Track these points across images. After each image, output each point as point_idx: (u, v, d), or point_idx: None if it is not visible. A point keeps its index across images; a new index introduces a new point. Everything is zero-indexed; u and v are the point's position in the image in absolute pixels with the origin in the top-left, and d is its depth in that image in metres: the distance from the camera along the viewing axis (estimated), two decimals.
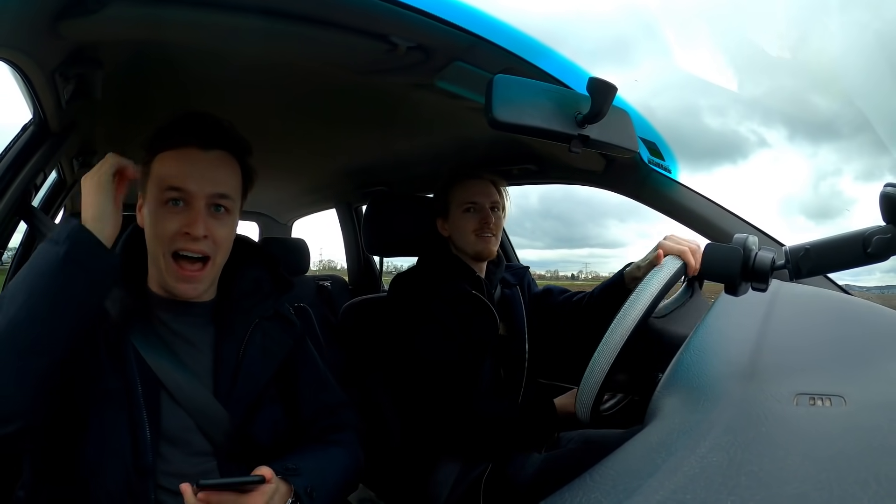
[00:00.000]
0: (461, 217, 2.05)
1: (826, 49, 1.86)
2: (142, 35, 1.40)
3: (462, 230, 2.05)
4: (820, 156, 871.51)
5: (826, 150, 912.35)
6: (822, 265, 0.90)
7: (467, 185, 2.07)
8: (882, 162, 24.63)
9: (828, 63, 1.90)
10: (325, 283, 3.28)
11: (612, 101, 1.23)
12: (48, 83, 1.42)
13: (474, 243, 2.03)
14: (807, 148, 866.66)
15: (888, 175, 1.64)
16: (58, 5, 1.19)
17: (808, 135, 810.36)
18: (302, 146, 2.62)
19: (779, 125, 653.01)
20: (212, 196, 1.31)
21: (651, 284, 1.34)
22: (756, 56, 2.35)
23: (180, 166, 1.29)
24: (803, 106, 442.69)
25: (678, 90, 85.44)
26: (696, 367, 0.91)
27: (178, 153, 1.30)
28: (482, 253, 2.04)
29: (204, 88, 1.90)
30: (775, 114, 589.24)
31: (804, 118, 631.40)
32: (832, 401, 0.71)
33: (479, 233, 2.03)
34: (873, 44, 1.58)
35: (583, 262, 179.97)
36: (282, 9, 1.30)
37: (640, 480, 0.62)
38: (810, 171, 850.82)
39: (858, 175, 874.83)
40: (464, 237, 2.05)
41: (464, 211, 2.05)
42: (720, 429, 0.69)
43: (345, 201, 3.78)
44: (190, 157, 1.30)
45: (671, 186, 1.89)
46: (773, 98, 53.21)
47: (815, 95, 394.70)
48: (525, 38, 1.50)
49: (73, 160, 2.47)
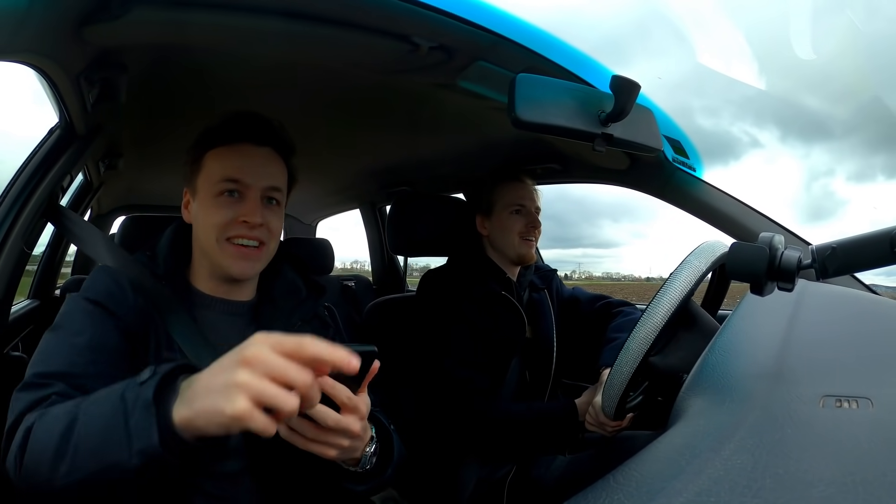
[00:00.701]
0: (508, 218, 2.06)
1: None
2: (165, 38, 1.42)
3: (508, 231, 2.05)
4: (812, 156, 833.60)
5: (818, 150, 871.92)
6: (848, 264, 0.88)
7: (515, 187, 2.08)
8: (874, 161, 24.27)
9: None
10: (350, 282, 3.29)
11: (635, 99, 1.22)
12: (73, 87, 1.44)
13: (518, 246, 2.04)
14: (799, 149, 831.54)
15: (880, 176, 1.62)
16: (82, 11, 1.20)
17: (801, 135, 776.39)
18: (326, 147, 2.64)
19: (771, 125, 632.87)
20: (266, 189, 1.34)
21: (680, 279, 1.32)
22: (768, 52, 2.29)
23: (236, 159, 1.33)
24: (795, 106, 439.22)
25: (672, 90, 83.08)
26: (721, 367, 0.91)
27: (233, 148, 1.34)
28: (524, 257, 2.05)
29: (227, 90, 1.91)
30: (767, 114, 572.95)
31: (797, 118, 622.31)
32: (859, 403, 0.70)
33: (524, 236, 2.04)
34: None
35: (576, 262, 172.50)
36: (303, 10, 1.30)
37: (664, 482, 0.61)
38: (803, 172, 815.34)
39: (850, 176, 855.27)
40: (508, 239, 2.05)
41: (511, 212, 2.05)
42: (745, 430, 0.68)
43: (368, 201, 3.80)
44: (245, 151, 1.34)
45: (696, 185, 1.87)
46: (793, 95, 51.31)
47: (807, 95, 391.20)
48: (547, 37, 1.50)
49: (98, 162, 2.50)
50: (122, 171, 2.67)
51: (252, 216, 1.31)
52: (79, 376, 1.12)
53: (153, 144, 2.54)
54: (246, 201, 1.32)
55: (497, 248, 2.09)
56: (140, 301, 1.28)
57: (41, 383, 1.10)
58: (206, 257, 1.35)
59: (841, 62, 1.72)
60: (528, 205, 2.06)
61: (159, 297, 1.31)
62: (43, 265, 3.01)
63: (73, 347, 1.16)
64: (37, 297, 2.94)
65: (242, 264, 1.33)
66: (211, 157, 1.34)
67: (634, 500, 0.60)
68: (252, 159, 1.34)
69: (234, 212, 1.31)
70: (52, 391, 1.08)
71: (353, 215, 3.99)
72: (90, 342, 1.17)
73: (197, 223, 1.36)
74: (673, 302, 1.28)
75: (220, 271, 1.35)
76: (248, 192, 1.33)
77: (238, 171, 1.31)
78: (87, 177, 2.74)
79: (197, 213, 1.35)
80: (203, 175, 1.34)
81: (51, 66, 1.30)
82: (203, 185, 1.34)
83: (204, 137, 1.36)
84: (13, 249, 1.58)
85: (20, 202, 1.56)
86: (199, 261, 1.39)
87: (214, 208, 1.31)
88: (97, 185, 2.90)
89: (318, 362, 0.85)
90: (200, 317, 1.35)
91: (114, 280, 1.29)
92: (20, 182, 1.59)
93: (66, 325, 1.21)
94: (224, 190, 1.31)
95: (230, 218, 1.31)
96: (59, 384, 1.10)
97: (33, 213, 1.59)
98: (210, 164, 1.34)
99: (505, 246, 2.06)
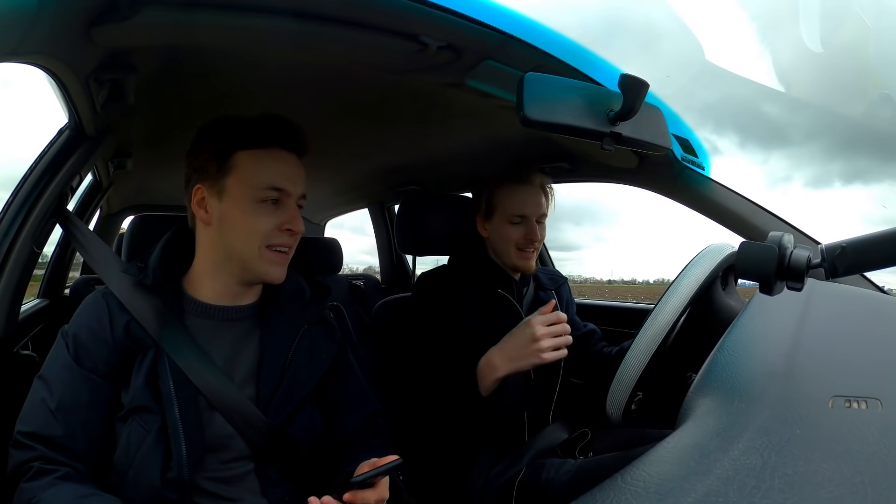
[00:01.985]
0: (505, 227, 1.99)
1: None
2: (174, 39, 1.42)
3: (505, 240, 2.00)
4: (771, 162, 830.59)
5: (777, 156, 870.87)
6: (858, 264, 0.88)
7: (517, 192, 2.00)
8: (832, 168, 24.10)
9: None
10: (358, 282, 3.30)
11: (644, 98, 1.22)
12: (83, 88, 1.44)
13: (515, 257, 1.99)
14: (758, 155, 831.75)
15: (837, 181, 1.61)
16: (91, 12, 1.20)
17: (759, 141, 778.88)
18: (335, 146, 2.64)
19: (731, 132, 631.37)
20: (300, 197, 1.38)
21: (684, 284, 1.32)
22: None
23: (280, 167, 1.35)
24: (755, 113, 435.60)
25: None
26: (730, 367, 0.90)
27: (271, 153, 1.35)
28: (521, 269, 2.02)
29: (237, 90, 1.91)
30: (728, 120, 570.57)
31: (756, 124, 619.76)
32: (868, 403, 0.70)
33: (522, 248, 1.98)
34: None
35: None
36: (312, 10, 1.30)
37: (672, 482, 0.61)
38: (761, 178, 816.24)
39: (808, 181, 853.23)
40: (505, 248, 2.00)
41: (510, 222, 1.99)
42: (754, 431, 0.68)
43: (377, 201, 3.82)
44: (283, 158, 1.36)
45: (705, 184, 1.86)
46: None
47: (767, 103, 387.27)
48: (555, 36, 1.49)
49: (108, 163, 2.50)
50: (131, 171, 2.67)
51: (296, 225, 1.35)
52: (52, 438, 1.23)
53: (162, 144, 2.54)
54: (286, 209, 1.35)
55: (496, 254, 2.06)
56: (127, 322, 1.32)
57: (25, 444, 1.23)
58: (235, 264, 1.36)
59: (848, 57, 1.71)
60: (529, 214, 1.98)
61: (150, 311, 1.33)
62: (52, 265, 3.01)
63: (48, 408, 1.25)
64: (46, 296, 2.95)
65: (280, 270, 1.37)
66: (246, 158, 1.33)
67: (642, 500, 0.60)
68: (291, 167, 1.36)
69: (277, 219, 1.33)
70: (34, 455, 1.22)
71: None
72: (61, 403, 1.25)
73: (228, 227, 1.35)
74: (681, 301, 1.28)
75: (251, 276, 1.37)
76: (288, 200, 1.35)
77: (283, 178, 1.33)
78: (97, 177, 2.75)
79: (227, 216, 1.34)
80: (237, 176, 1.33)
81: (60, 68, 1.31)
82: (238, 187, 1.33)
83: (232, 135, 1.35)
84: (23, 249, 1.59)
85: (30, 202, 1.57)
86: (208, 268, 1.39)
87: (256, 215, 1.33)
88: (107, 186, 2.91)
89: None
90: (194, 325, 1.36)
91: (97, 316, 1.33)
92: (30, 182, 1.60)
93: (47, 377, 1.29)
94: (268, 197, 1.32)
95: (273, 226, 1.33)
96: (39, 447, 1.22)
97: (43, 214, 1.60)
98: (247, 165, 1.33)
99: (500, 254, 2.03)
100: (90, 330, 1.30)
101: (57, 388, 1.26)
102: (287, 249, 1.37)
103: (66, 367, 1.28)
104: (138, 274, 1.36)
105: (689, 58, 1.87)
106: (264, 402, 1.34)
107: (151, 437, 1.24)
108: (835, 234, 3.40)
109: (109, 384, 1.29)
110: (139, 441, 1.24)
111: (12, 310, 1.73)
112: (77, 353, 1.28)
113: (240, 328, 1.40)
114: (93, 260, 1.54)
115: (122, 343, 1.29)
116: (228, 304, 1.39)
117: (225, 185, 1.33)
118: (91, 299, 1.37)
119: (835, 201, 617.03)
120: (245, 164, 1.32)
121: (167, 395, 1.26)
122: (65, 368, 1.28)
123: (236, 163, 1.33)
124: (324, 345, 1.49)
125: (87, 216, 3.04)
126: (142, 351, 1.29)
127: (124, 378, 1.29)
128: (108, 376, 1.29)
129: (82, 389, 1.27)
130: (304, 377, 1.41)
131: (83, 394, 1.26)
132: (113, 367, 1.29)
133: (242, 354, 1.38)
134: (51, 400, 1.24)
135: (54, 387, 1.26)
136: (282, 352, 1.40)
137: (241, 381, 1.36)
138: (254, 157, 1.33)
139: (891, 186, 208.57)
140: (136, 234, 1.99)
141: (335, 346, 1.52)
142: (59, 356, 1.30)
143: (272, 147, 1.34)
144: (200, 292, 1.39)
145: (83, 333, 1.30)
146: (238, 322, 1.41)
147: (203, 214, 1.37)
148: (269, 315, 1.43)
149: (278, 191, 1.33)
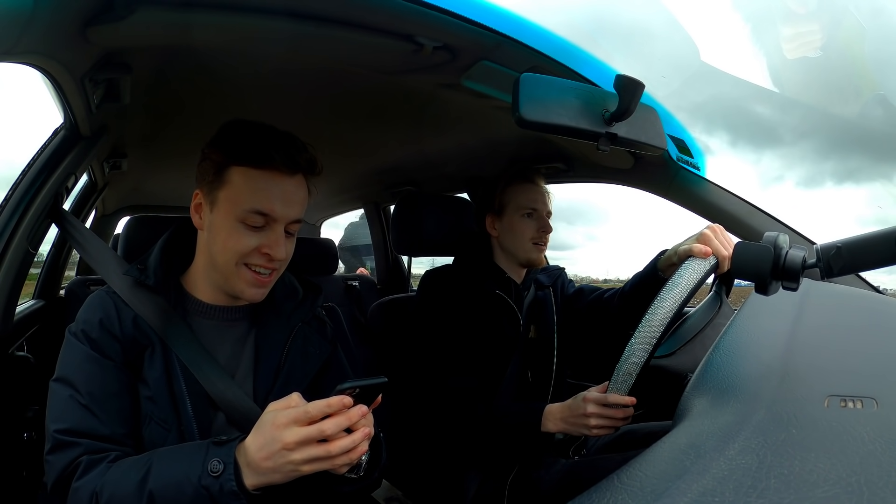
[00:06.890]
0: (520, 221, 2.02)
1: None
2: (170, 39, 1.41)
3: (520, 234, 2.02)
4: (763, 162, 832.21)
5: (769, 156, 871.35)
6: (854, 264, 0.88)
7: (527, 189, 2.03)
8: (824, 168, 24.11)
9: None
10: (354, 282, 3.29)
11: (639, 99, 1.22)
12: (78, 88, 1.43)
13: (529, 250, 2.02)
14: (749, 154, 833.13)
15: (829, 181, 1.62)
16: (87, 13, 1.20)
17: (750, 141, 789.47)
18: (331, 147, 2.64)
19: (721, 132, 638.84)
20: (291, 222, 1.33)
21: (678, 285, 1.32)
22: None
23: (268, 191, 1.29)
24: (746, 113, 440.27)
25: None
26: (726, 367, 0.91)
27: (264, 174, 1.29)
28: (534, 261, 2.04)
29: (232, 91, 1.91)
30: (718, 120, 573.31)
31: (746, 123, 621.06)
32: (864, 403, 0.70)
33: (536, 241, 2.01)
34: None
35: None
36: (308, 11, 1.30)
37: (668, 482, 0.61)
38: (754, 178, 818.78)
39: (800, 181, 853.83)
40: (520, 242, 2.02)
41: (523, 215, 2.01)
42: (750, 430, 0.68)
43: (373, 201, 3.81)
44: (276, 180, 1.29)
45: (700, 184, 1.87)
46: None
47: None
48: (551, 37, 1.50)
49: (103, 163, 2.50)
50: (126, 171, 2.67)
51: (276, 250, 1.30)
52: (93, 430, 1.20)
53: (158, 145, 2.54)
54: (270, 233, 1.30)
55: (506, 250, 2.06)
56: (134, 317, 1.31)
57: (67, 442, 1.19)
58: (217, 273, 1.34)
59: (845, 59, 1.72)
60: (540, 208, 2.02)
61: (154, 310, 1.33)
62: (48, 265, 3.00)
63: (80, 404, 1.22)
64: (42, 297, 2.94)
65: (255, 291, 1.33)
66: (238, 174, 1.29)
67: (638, 500, 0.60)
68: (283, 191, 1.30)
69: (258, 241, 1.29)
70: (79, 451, 1.18)
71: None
72: (92, 396, 1.23)
73: (213, 237, 1.33)
74: (697, 277, 1.31)
75: (229, 290, 1.35)
76: (274, 225, 1.30)
77: (268, 204, 1.28)
78: (92, 177, 2.75)
79: (214, 227, 1.32)
80: (227, 191, 1.30)
81: (55, 68, 1.30)
82: (226, 201, 1.30)
83: (230, 146, 1.31)
84: (18, 250, 1.59)
85: (25, 203, 1.56)
86: (203, 270, 1.38)
87: (237, 234, 1.29)
88: (102, 186, 2.90)
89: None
90: (196, 325, 1.36)
91: (104, 311, 1.31)
92: (25, 182, 1.59)
93: (68, 376, 1.25)
94: (251, 221, 1.28)
95: (252, 247, 1.29)
96: (84, 440, 1.19)
97: (38, 214, 1.60)
98: (237, 182, 1.29)
99: (515, 249, 2.04)
100: (100, 324, 1.28)
101: (83, 383, 1.23)
102: (266, 272, 1.33)
103: (88, 360, 1.26)
104: (139, 275, 1.35)
105: (685, 58, 1.87)
106: (260, 400, 1.34)
107: (173, 437, 1.24)
108: (826, 233, 3.38)
109: (129, 373, 1.28)
110: (161, 440, 1.24)
111: (7, 311, 1.73)
112: (94, 345, 1.26)
113: (238, 329, 1.41)
114: (92, 259, 1.53)
115: (130, 336, 1.28)
116: (225, 305, 1.39)
117: (217, 197, 1.31)
118: (96, 297, 1.35)
119: (827, 201, 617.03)
120: (236, 182, 1.29)
121: (179, 392, 1.27)
122: (86, 362, 1.25)
123: (229, 178, 1.29)
124: (317, 342, 1.49)
125: (83, 217, 3.03)
126: (150, 345, 1.29)
127: (136, 372, 1.28)
128: (126, 365, 1.28)
129: (109, 378, 1.25)
130: (298, 375, 1.41)
131: (112, 383, 1.25)
132: (125, 360, 1.28)
133: (240, 354, 1.39)
134: (80, 396, 1.22)
135: (79, 382, 1.23)
136: (277, 350, 1.41)
137: (240, 379, 1.36)
138: (246, 177, 1.29)
139: (884, 186, 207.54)
140: (132, 235, 1.98)
141: (328, 343, 1.52)
142: (75, 353, 1.27)
143: (268, 168, 1.29)
144: (200, 293, 1.39)
145: (94, 328, 1.28)
146: (237, 322, 1.41)
147: (197, 220, 1.36)
148: (263, 315, 1.44)
149: (263, 215, 1.28)
